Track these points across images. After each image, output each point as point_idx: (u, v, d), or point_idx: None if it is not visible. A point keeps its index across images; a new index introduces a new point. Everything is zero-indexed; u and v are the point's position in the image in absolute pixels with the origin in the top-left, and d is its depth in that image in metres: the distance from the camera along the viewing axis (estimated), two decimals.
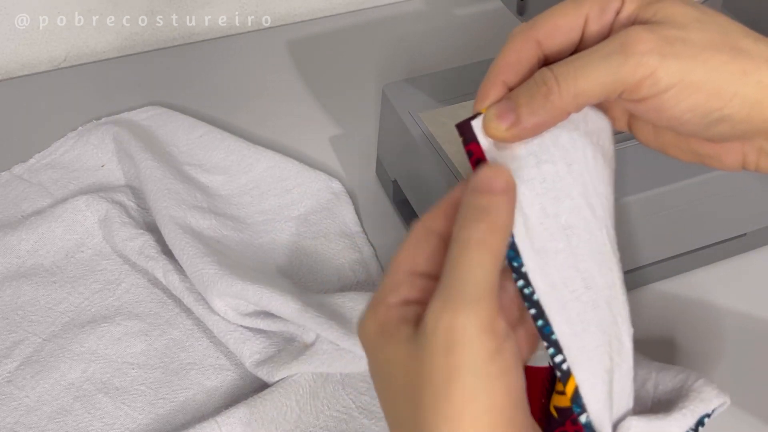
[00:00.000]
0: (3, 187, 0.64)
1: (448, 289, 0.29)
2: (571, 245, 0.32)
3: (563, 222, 0.32)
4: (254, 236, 0.60)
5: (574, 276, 0.32)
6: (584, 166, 0.33)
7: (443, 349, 0.28)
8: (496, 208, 0.30)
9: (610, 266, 0.33)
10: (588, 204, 0.33)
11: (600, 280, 0.33)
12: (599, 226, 0.33)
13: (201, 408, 0.50)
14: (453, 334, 0.28)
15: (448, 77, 0.60)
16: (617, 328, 0.33)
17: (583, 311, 0.32)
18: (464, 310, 0.28)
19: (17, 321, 0.54)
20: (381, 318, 0.31)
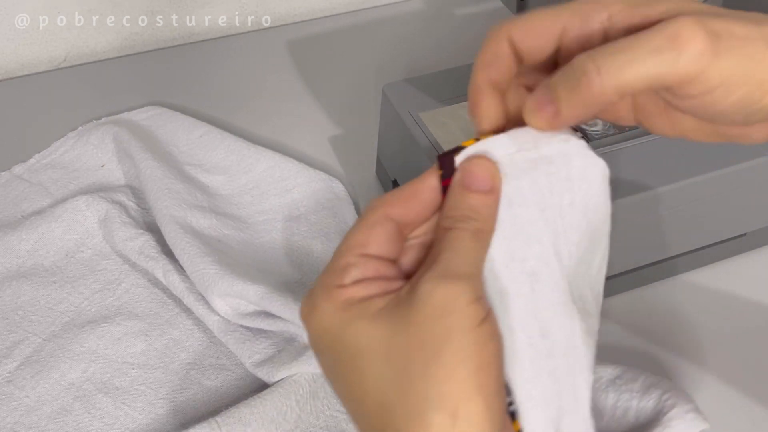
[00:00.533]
0: (3, 187, 0.64)
1: (446, 263, 0.31)
2: (534, 291, 0.33)
3: (529, 268, 0.33)
4: (255, 236, 0.60)
5: (532, 323, 0.32)
6: (558, 213, 0.33)
7: (438, 314, 0.30)
8: (485, 209, 0.33)
9: (571, 315, 0.33)
10: (556, 252, 0.33)
11: (558, 330, 0.33)
12: (563, 274, 0.33)
13: (201, 408, 0.50)
14: (448, 301, 0.30)
15: (448, 77, 0.60)
16: (572, 378, 0.33)
17: (536, 358, 0.32)
18: (459, 282, 0.30)
19: (17, 321, 0.54)
20: (340, 298, 0.32)
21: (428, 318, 0.30)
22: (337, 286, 0.32)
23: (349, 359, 0.31)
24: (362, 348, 0.31)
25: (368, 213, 0.33)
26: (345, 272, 0.32)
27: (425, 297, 0.30)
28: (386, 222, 0.33)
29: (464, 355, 0.30)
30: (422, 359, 0.30)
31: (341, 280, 0.32)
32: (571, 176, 0.34)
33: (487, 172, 0.33)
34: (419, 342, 0.30)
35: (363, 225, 0.33)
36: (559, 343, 0.33)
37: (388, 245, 0.33)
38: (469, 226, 0.32)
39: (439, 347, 0.30)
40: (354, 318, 0.31)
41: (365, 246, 0.33)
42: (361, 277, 0.32)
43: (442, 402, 0.29)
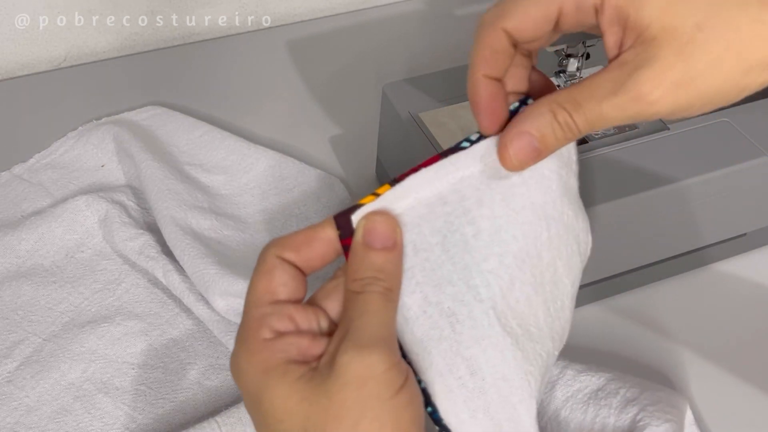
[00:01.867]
0: (3, 187, 0.64)
1: (359, 331, 0.31)
2: (455, 332, 0.33)
3: (447, 309, 0.33)
4: (255, 236, 0.60)
5: (459, 363, 0.32)
6: (464, 249, 0.33)
7: (355, 385, 0.30)
8: (391, 265, 0.33)
9: (501, 348, 0.33)
10: (470, 287, 0.33)
11: (486, 365, 0.33)
12: (484, 309, 0.33)
13: (201, 408, 0.50)
14: (365, 371, 0.30)
15: (448, 77, 0.60)
16: (512, 409, 0.33)
17: (469, 399, 0.32)
18: (374, 350, 0.30)
19: (17, 321, 0.54)
20: (261, 358, 0.32)
21: (345, 389, 0.30)
22: (256, 341, 0.32)
23: (268, 423, 0.31)
24: (279, 416, 0.31)
25: (263, 258, 0.34)
26: (262, 323, 0.32)
27: (343, 367, 0.30)
28: (281, 264, 0.33)
29: (381, 424, 0.30)
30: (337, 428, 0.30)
31: (261, 333, 0.32)
32: (468, 208, 0.34)
33: (388, 228, 0.33)
34: (336, 414, 0.30)
35: (263, 273, 0.33)
36: (489, 377, 0.33)
37: (292, 285, 0.33)
38: (377, 287, 0.32)
39: (357, 418, 0.30)
40: (273, 383, 0.31)
41: (273, 293, 0.33)
42: (281, 329, 0.32)
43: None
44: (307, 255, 0.33)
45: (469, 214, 0.34)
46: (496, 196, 0.34)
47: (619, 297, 0.56)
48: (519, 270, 0.34)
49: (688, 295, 0.57)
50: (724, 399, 0.51)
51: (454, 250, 0.33)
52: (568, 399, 0.46)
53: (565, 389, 0.46)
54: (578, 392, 0.46)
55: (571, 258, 0.36)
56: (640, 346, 0.54)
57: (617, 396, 0.46)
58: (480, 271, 0.33)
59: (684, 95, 0.31)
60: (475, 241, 0.33)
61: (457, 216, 0.33)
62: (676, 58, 0.31)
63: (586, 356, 0.51)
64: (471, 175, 0.34)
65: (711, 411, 0.50)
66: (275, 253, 0.33)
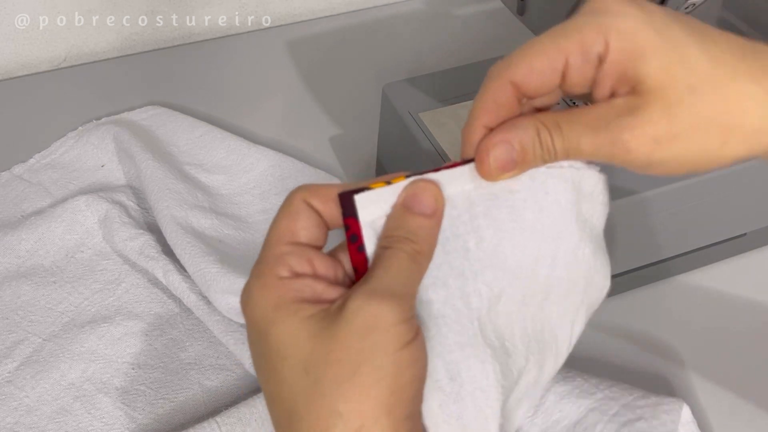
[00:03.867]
0: (3, 187, 0.64)
1: (376, 280, 0.31)
2: (441, 334, 0.32)
3: (435, 310, 0.33)
4: (256, 235, 0.60)
5: (439, 366, 0.32)
6: (464, 256, 0.33)
7: (362, 332, 0.30)
8: (426, 231, 0.33)
9: (482, 359, 0.33)
10: (463, 294, 0.33)
11: (466, 373, 0.32)
12: (471, 317, 0.33)
13: (201, 408, 0.50)
14: (373, 320, 0.30)
15: (448, 77, 0.60)
16: (483, 421, 0.33)
17: (445, 403, 0.32)
18: (388, 301, 0.30)
19: (17, 321, 0.54)
20: (275, 293, 0.32)
21: (352, 334, 0.30)
22: (274, 277, 0.32)
23: (271, 358, 0.31)
24: (283, 352, 0.31)
25: (288, 201, 0.34)
26: (280, 261, 0.32)
27: (352, 312, 0.30)
28: (307, 209, 0.33)
29: (380, 376, 0.30)
30: (338, 374, 0.30)
31: (278, 270, 0.32)
32: (475, 215, 0.33)
33: (431, 196, 0.33)
34: (339, 357, 0.30)
35: (288, 213, 0.33)
36: (467, 385, 0.32)
37: (315, 231, 0.33)
38: (407, 247, 0.32)
39: (357, 365, 0.30)
40: (282, 318, 0.31)
41: (294, 233, 0.33)
42: (299, 270, 0.32)
43: (349, 419, 0.30)
44: (332, 210, 0.33)
45: (474, 222, 0.33)
46: (503, 210, 0.34)
47: (618, 297, 0.56)
48: (510, 286, 0.34)
49: (688, 295, 0.57)
50: (723, 399, 0.51)
51: (454, 254, 0.33)
52: (547, 429, 0.45)
53: (545, 417, 0.46)
54: (557, 423, 0.45)
55: (571, 290, 0.35)
56: (639, 346, 0.54)
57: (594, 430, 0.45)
58: (475, 281, 0.33)
59: (660, 152, 0.32)
60: (476, 250, 0.33)
61: (463, 222, 0.33)
62: (662, 114, 0.32)
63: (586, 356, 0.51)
64: (483, 185, 0.34)
65: (711, 411, 0.50)
66: (303, 197, 0.33)
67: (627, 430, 0.45)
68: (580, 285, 0.35)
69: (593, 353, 0.53)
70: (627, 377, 0.51)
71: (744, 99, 0.32)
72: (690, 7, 0.50)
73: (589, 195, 0.35)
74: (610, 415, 0.46)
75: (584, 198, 0.35)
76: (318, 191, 0.33)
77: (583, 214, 0.35)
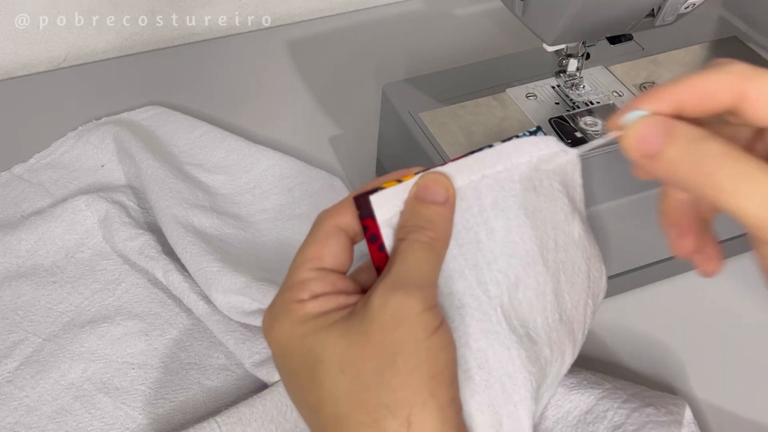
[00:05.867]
0: (3, 187, 0.64)
1: (398, 274, 0.32)
2: (465, 324, 0.33)
3: (457, 301, 0.33)
4: (256, 235, 0.60)
5: (467, 355, 0.33)
6: (477, 246, 0.34)
7: (390, 325, 0.30)
8: (440, 218, 0.33)
9: (507, 345, 0.33)
10: (480, 283, 0.33)
11: (493, 359, 0.33)
12: (493, 305, 0.33)
13: (201, 408, 0.50)
14: (400, 312, 0.30)
15: (448, 77, 0.60)
16: (512, 407, 0.33)
17: (475, 391, 0.33)
18: (411, 293, 0.31)
19: (17, 321, 0.54)
20: (299, 313, 0.32)
21: (381, 329, 0.30)
22: (296, 302, 0.33)
23: (306, 370, 0.32)
24: (318, 359, 0.31)
25: (319, 225, 0.34)
26: (303, 287, 0.33)
27: (378, 308, 0.31)
28: (338, 233, 0.34)
29: (417, 363, 0.30)
30: (376, 368, 0.30)
31: (300, 295, 0.33)
32: (483, 207, 0.34)
33: (442, 186, 0.34)
34: (373, 352, 0.30)
35: (316, 238, 0.34)
36: (495, 372, 0.33)
37: (342, 257, 0.34)
38: (422, 236, 0.32)
39: (393, 356, 0.30)
40: (311, 331, 0.32)
41: (320, 259, 0.33)
42: (320, 292, 0.33)
43: (396, 409, 0.30)
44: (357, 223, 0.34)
45: (484, 214, 0.34)
46: (509, 199, 0.34)
47: (619, 297, 0.56)
48: (524, 273, 0.34)
49: (688, 295, 0.57)
50: (724, 399, 0.51)
51: (467, 246, 0.34)
52: (558, 421, 0.46)
53: (556, 410, 0.46)
54: (568, 414, 0.46)
55: (576, 275, 0.36)
56: (639, 346, 0.54)
57: (604, 420, 0.45)
58: (490, 270, 0.34)
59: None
60: (488, 241, 0.34)
61: (473, 214, 0.34)
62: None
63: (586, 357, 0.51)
64: (490, 175, 0.34)
65: (711, 411, 0.50)
66: (332, 220, 0.34)
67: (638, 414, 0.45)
68: (583, 269, 0.36)
69: (593, 353, 0.53)
70: (627, 377, 0.51)
71: None
72: (690, 6, 0.50)
73: (571, 179, 0.36)
74: (620, 402, 0.46)
75: (570, 182, 0.36)
76: (341, 209, 0.34)
77: (572, 197, 0.36)
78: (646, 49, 0.62)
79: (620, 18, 0.50)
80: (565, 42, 0.52)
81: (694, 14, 0.52)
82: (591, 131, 0.54)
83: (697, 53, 0.62)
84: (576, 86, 0.58)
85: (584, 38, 0.53)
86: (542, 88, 0.58)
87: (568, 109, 0.56)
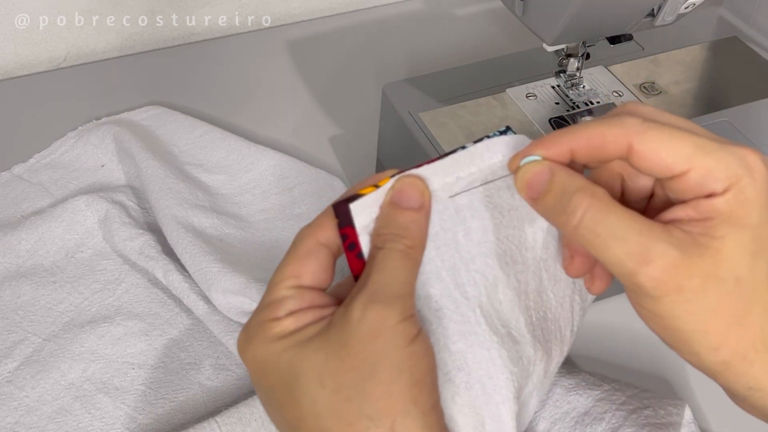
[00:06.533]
0: (3, 187, 0.64)
1: (375, 284, 0.31)
2: (443, 326, 0.33)
3: (434, 304, 0.33)
4: (256, 234, 0.60)
5: (446, 358, 0.33)
6: (454, 248, 0.34)
7: (369, 337, 0.30)
8: (415, 225, 0.33)
9: (487, 346, 0.33)
10: (457, 285, 0.33)
11: (473, 361, 0.33)
12: (471, 306, 0.33)
13: (201, 408, 0.50)
14: (379, 323, 0.30)
15: (448, 77, 0.60)
16: (494, 408, 0.33)
17: (456, 393, 0.33)
18: (389, 303, 0.31)
19: (17, 321, 0.54)
20: (274, 330, 0.32)
21: (361, 340, 0.30)
22: (271, 320, 0.32)
23: (284, 387, 0.31)
24: (296, 374, 0.31)
25: (298, 242, 0.34)
26: (280, 305, 0.32)
27: (357, 321, 0.31)
28: (319, 250, 0.33)
29: (398, 371, 0.30)
30: (357, 380, 0.30)
31: (275, 313, 0.32)
32: (459, 208, 0.34)
33: (416, 190, 0.33)
34: (353, 364, 0.30)
35: (295, 256, 0.33)
36: (475, 373, 0.33)
37: (321, 275, 0.33)
38: (399, 245, 0.32)
39: (373, 366, 0.30)
40: (288, 346, 0.31)
41: (299, 277, 0.33)
42: (296, 309, 0.32)
43: (380, 419, 0.30)
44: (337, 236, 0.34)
45: (460, 214, 0.34)
46: (484, 199, 0.34)
47: (619, 297, 0.56)
48: (502, 272, 0.34)
49: None
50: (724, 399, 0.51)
51: (444, 248, 0.34)
52: (556, 422, 0.46)
53: (554, 410, 0.46)
54: (566, 415, 0.46)
55: (560, 272, 0.36)
56: (639, 346, 0.54)
57: (602, 422, 0.45)
58: (468, 270, 0.34)
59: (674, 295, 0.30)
60: (465, 241, 0.34)
61: (449, 215, 0.34)
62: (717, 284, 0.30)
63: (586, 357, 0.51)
64: (464, 177, 0.34)
65: (711, 411, 0.50)
66: (313, 239, 0.33)
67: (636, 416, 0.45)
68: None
69: (593, 353, 0.53)
70: (627, 377, 0.51)
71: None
72: (690, 6, 0.50)
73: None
74: (618, 403, 0.46)
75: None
76: (322, 223, 0.34)
77: None
78: (646, 49, 0.62)
79: (620, 18, 0.50)
80: (565, 42, 0.52)
81: (694, 14, 0.52)
82: None
83: (697, 53, 0.62)
84: (576, 86, 0.58)
85: (584, 38, 0.53)
86: (542, 88, 0.58)
87: (568, 109, 0.56)
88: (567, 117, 0.56)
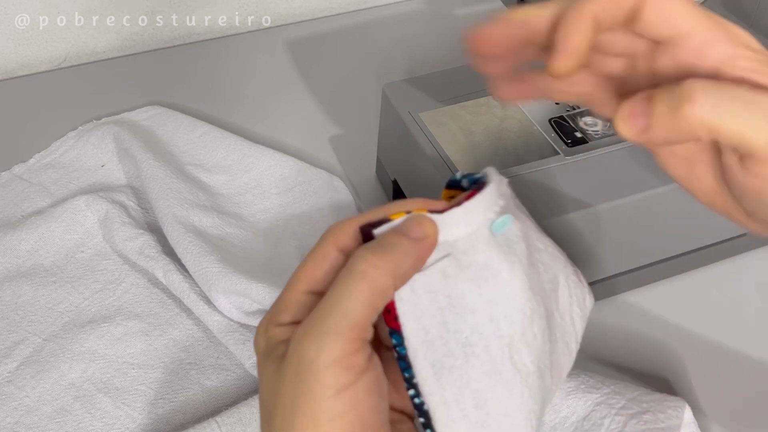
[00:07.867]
0: (3, 187, 0.64)
1: (316, 315, 0.28)
2: (468, 363, 0.32)
3: (463, 339, 0.32)
4: (257, 234, 0.60)
5: (466, 395, 0.32)
6: (495, 286, 0.33)
7: (294, 376, 0.28)
8: (398, 249, 0.30)
9: (510, 386, 0.32)
10: (492, 320, 0.32)
11: (492, 402, 0.32)
12: (500, 345, 0.32)
13: (201, 408, 0.50)
14: (304, 364, 0.28)
15: (448, 77, 0.60)
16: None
17: (471, 430, 0.32)
18: (320, 341, 0.28)
19: (17, 321, 0.54)
20: (269, 335, 0.31)
21: (287, 379, 0.28)
22: (273, 323, 0.31)
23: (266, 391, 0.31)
24: (262, 389, 0.31)
25: (321, 243, 0.32)
26: (288, 309, 0.31)
27: (289, 356, 0.28)
28: (336, 257, 0.31)
29: (313, 425, 0.27)
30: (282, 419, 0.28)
31: (281, 317, 0.31)
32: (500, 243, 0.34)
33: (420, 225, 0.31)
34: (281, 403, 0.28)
35: (313, 258, 0.32)
36: (493, 414, 0.32)
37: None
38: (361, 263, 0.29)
39: (293, 413, 0.28)
40: (266, 357, 0.30)
41: (314, 282, 0.31)
42: (298, 318, 0.31)
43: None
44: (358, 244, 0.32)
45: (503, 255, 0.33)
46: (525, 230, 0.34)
47: (619, 297, 0.56)
48: (537, 303, 0.33)
49: (688, 295, 0.57)
50: (724, 399, 0.51)
51: (485, 287, 0.33)
52: (555, 427, 0.46)
53: (553, 415, 0.46)
54: (565, 420, 0.46)
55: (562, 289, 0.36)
56: (639, 346, 0.54)
57: (601, 428, 0.45)
58: (506, 306, 0.33)
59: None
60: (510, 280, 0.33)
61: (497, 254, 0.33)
62: None
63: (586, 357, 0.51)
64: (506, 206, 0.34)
65: (711, 411, 0.50)
66: (333, 239, 0.32)
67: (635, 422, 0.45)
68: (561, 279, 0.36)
69: (593, 353, 0.53)
70: (627, 377, 0.51)
71: None
72: None
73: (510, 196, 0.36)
74: (617, 408, 0.46)
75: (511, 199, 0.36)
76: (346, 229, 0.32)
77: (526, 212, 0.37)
78: None
79: None
80: None
81: None
82: (591, 131, 0.54)
83: None
84: None
85: None
86: None
87: (568, 109, 0.56)
88: (567, 117, 0.56)
